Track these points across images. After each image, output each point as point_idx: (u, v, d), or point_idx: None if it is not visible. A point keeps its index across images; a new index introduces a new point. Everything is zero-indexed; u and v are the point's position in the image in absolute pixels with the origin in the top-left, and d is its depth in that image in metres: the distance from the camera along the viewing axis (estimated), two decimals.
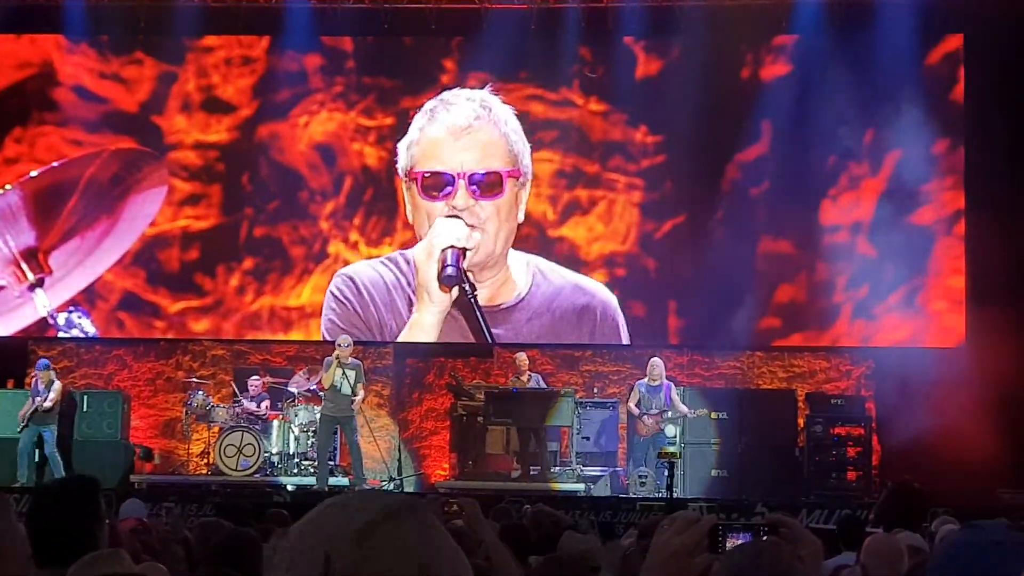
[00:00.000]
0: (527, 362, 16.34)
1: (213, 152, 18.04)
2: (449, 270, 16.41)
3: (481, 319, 16.70)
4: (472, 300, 16.56)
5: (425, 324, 16.86)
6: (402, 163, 17.19)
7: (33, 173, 17.95)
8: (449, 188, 16.81)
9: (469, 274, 16.66)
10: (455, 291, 16.61)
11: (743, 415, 16.13)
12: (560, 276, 17.37)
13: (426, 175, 16.94)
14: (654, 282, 17.45)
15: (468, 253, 16.63)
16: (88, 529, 3.50)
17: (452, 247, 16.50)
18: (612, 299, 17.30)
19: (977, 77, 17.13)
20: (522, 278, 17.28)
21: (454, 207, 16.73)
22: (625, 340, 17.22)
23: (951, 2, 17.20)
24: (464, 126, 16.88)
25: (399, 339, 17.20)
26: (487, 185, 16.89)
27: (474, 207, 16.78)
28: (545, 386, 16.31)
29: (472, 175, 16.81)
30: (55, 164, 17.98)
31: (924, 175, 17.07)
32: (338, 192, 17.84)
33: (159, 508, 12.76)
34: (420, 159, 17.01)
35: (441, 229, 16.63)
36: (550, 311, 17.23)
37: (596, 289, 17.37)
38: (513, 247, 17.27)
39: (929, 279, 17.07)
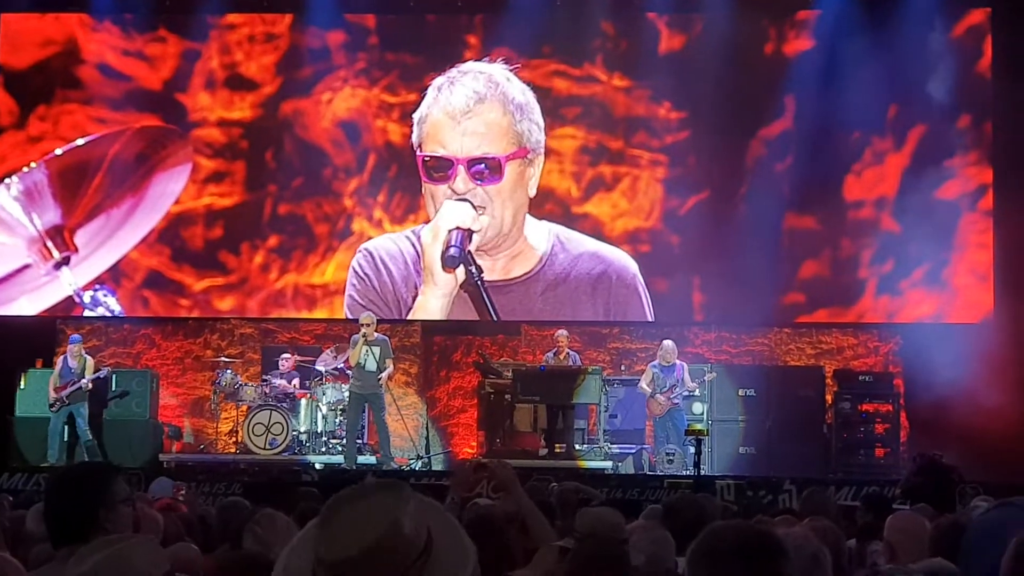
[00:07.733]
0: (567, 339, 16.21)
1: (237, 129, 18.04)
2: (452, 251, 16.33)
3: (487, 300, 16.61)
4: (478, 281, 16.49)
5: (430, 307, 16.80)
6: (414, 137, 17.19)
7: (58, 151, 17.97)
8: (449, 172, 16.76)
9: (474, 255, 16.54)
10: (461, 273, 16.55)
11: (771, 392, 16.14)
12: (580, 245, 17.28)
13: (427, 158, 16.92)
14: (678, 258, 17.38)
15: (474, 235, 16.55)
16: (92, 514, 3.59)
17: (457, 228, 16.43)
18: (630, 265, 17.16)
19: (1003, 50, 17.03)
20: (542, 247, 17.21)
21: (454, 191, 16.70)
22: (647, 306, 17.12)
23: None
24: (464, 110, 16.72)
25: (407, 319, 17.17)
26: (485, 170, 16.79)
27: (475, 190, 16.74)
28: (581, 364, 16.19)
29: (471, 160, 16.73)
30: (80, 142, 17.99)
31: (949, 149, 17.01)
32: (362, 169, 17.82)
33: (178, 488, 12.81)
34: (425, 139, 16.99)
35: (447, 211, 16.58)
36: (566, 282, 17.17)
37: (613, 256, 17.26)
38: (536, 217, 17.24)
39: (954, 254, 16.98)
